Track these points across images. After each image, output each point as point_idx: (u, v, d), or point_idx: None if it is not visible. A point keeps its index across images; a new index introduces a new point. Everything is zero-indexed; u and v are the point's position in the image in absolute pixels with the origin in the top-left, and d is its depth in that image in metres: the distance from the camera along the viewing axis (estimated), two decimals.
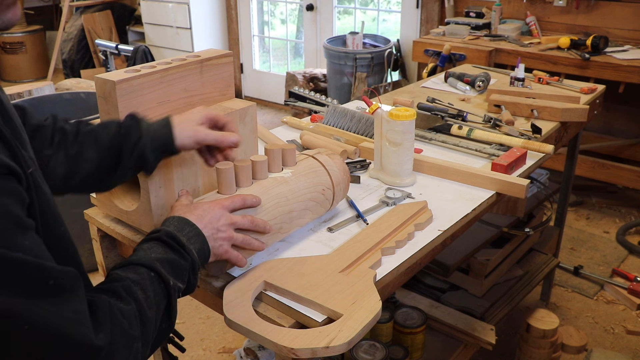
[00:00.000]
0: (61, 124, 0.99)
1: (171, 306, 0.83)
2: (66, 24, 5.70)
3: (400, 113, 1.33)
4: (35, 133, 0.97)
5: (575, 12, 3.44)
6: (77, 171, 0.97)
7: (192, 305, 2.56)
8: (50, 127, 0.99)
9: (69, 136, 0.98)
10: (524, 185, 1.34)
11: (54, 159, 0.96)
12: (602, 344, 2.32)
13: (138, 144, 0.96)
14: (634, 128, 3.48)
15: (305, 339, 0.87)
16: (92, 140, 0.98)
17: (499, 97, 1.88)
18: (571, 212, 3.31)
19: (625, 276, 2.68)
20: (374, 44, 4.36)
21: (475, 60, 3.22)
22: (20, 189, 0.66)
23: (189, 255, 0.88)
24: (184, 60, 1.18)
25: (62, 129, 0.99)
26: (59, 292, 0.64)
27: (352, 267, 1.05)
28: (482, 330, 1.83)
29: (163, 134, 0.98)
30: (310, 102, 1.89)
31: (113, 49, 3.73)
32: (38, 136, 0.96)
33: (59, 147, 0.97)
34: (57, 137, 0.98)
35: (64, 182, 0.98)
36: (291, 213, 1.10)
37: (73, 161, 0.97)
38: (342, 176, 1.21)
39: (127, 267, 0.82)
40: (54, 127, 0.99)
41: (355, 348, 1.57)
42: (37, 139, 0.96)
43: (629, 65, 2.87)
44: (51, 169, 0.96)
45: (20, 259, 0.61)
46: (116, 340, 0.68)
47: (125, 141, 0.96)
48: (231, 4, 5.20)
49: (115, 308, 0.71)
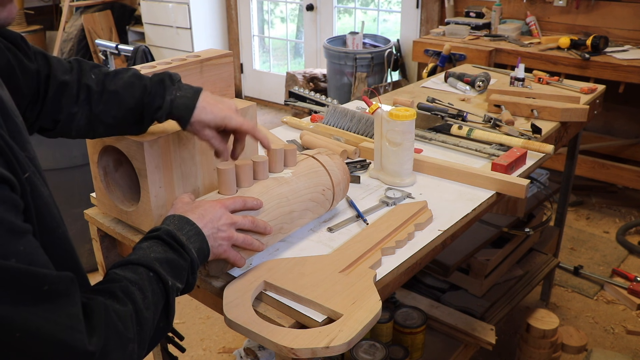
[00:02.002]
0: (86, 80, 1.01)
1: (169, 306, 0.83)
2: (66, 24, 5.69)
3: (400, 113, 1.33)
4: (61, 89, 0.99)
5: (575, 12, 3.44)
6: (99, 125, 1.03)
7: (192, 305, 2.56)
8: (76, 82, 1.00)
9: (94, 94, 1.01)
10: (524, 185, 1.34)
11: (79, 114, 1.01)
12: (602, 344, 2.32)
13: (157, 113, 1.02)
14: (634, 128, 3.48)
15: (305, 339, 0.87)
16: (116, 101, 1.01)
17: (499, 97, 1.88)
18: (571, 212, 3.31)
19: (625, 276, 2.68)
20: (374, 44, 4.36)
21: (475, 60, 3.22)
22: (13, 196, 0.66)
23: (188, 254, 0.88)
24: (184, 60, 1.18)
25: (87, 86, 1.01)
26: (53, 298, 0.64)
27: (352, 267, 1.05)
28: (482, 330, 1.83)
29: (180, 115, 1.02)
30: (310, 102, 1.89)
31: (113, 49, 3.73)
32: (64, 93, 0.99)
33: (83, 104, 1.01)
34: (82, 94, 1.01)
35: (86, 132, 1.04)
36: (292, 213, 1.10)
37: (97, 116, 1.02)
38: (342, 176, 1.21)
39: (125, 267, 0.82)
40: (80, 83, 1.01)
41: (355, 348, 1.57)
42: (63, 95, 0.99)
43: (629, 65, 2.87)
44: (76, 122, 1.01)
45: (12, 267, 0.61)
46: (110, 343, 0.68)
47: (148, 107, 1.01)
48: (231, 4, 5.20)
49: (111, 310, 0.71)
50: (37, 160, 0.80)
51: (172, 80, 1.03)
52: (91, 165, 1.19)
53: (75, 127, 1.02)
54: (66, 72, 1.00)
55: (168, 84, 1.02)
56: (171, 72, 1.04)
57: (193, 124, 1.02)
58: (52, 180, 2.48)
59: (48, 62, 0.99)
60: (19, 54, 0.94)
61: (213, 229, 0.94)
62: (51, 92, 0.98)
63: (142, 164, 1.07)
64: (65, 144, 2.51)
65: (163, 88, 1.01)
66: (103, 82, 1.02)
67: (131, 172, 1.18)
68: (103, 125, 1.03)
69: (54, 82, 0.98)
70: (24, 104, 0.96)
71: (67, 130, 1.03)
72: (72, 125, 1.01)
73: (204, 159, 1.19)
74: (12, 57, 0.92)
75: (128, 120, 1.03)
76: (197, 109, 1.02)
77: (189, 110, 1.01)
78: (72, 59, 1.05)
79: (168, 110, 1.01)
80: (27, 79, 0.95)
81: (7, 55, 0.91)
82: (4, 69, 0.90)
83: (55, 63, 1.00)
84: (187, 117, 1.01)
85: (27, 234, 0.66)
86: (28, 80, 0.95)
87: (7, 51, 0.92)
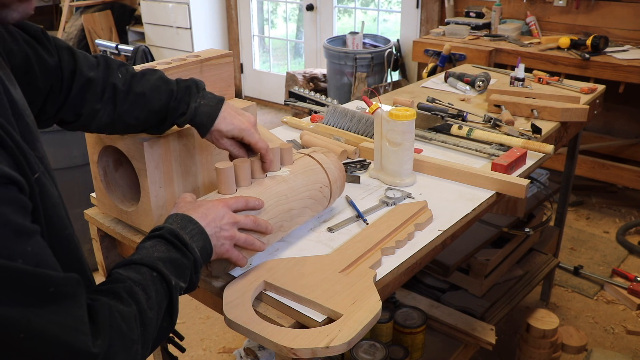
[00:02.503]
0: (113, 79, 1.01)
1: (173, 306, 0.83)
2: (66, 24, 5.70)
3: (400, 113, 1.33)
4: (86, 85, 0.99)
5: (575, 12, 3.44)
6: (122, 122, 1.03)
7: (192, 305, 2.56)
8: (102, 80, 1.01)
9: (120, 94, 1.01)
10: (524, 185, 1.34)
11: (102, 111, 1.01)
12: (602, 344, 2.32)
13: (179, 118, 1.04)
14: (634, 128, 3.48)
15: (305, 339, 0.87)
16: (142, 103, 1.02)
17: (499, 97, 1.88)
18: (571, 212, 3.31)
19: (625, 276, 2.68)
20: (374, 44, 4.36)
21: (475, 60, 3.22)
22: (21, 197, 0.66)
23: (191, 253, 0.88)
24: (184, 60, 1.18)
25: (114, 85, 1.01)
26: (59, 300, 0.64)
27: (352, 267, 1.05)
28: (482, 330, 1.83)
29: (202, 122, 1.04)
30: (310, 102, 1.89)
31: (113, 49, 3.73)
32: (89, 89, 1.00)
33: (108, 102, 1.01)
34: (107, 93, 1.01)
35: (109, 128, 1.05)
36: (291, 211, 1.10)
37: (120, 116, 1.02)
38: (339, 174, 1.21)
39: (129, 267, 0.82)
40: (106, 81, 1.01)
41: (355, 348, 1.57)
42: (88, 91, 1.00)
43: (629, 65, 2.87)
44: (98, 118, 1.02)
45: (19, 269, 0.61)
46: (114, 345, 0.68)
47: (172, 112, 1.03)
48: (231, 4, 5.20)
49: (115, 311, 0.71)
50: (46, 160, 0.80)
51: (198, 88, 1.04)
52: (91, 165, 1.19)
53: (96, 123, 1.02)
54: (92, 68, 1.01)
55: (194, 91, 1.03)
56: (197, 80, 1.06)
57: (213, 132, 1.05)
58: None
59: (74, 57, 0.99)
60: (39, 48, 0.94)
61: (216, 228, 0.94)
62: (76, 87, 0.98)
63: (142, 164, 1.07)
64: (66, 144, 2.51)
65: (189, 94, 1.03)
66: (130, 82, 1.02)
67: (131, 172, 1.18)
68: (124, 125, 1.04)
69: (80, 77, 0.98)
70: (39, 99, 0.95)
71: (87, 125, 1.03)
72: (93, 122, 1.02)
73: (203, 159, 1.20)
74: (31, 52, 0.92)
75: (150, 122, 1.04)
76: (219, 119, 1.04)
77: (211, 119, 1.03)
78: (99, 54, 1.05)
79: (191, 117, 1.03)
80: (45, 74, 0.95)
81: (25, 50, 0.91)
82: (20, 65, 0.90)
83: (82, 58, 1.00)
84: (208, 125, 1.04)
85: (35, 234, 0.66)
86: (46, 75, 0.95)
87: (27, 45, 0.92)
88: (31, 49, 0.92)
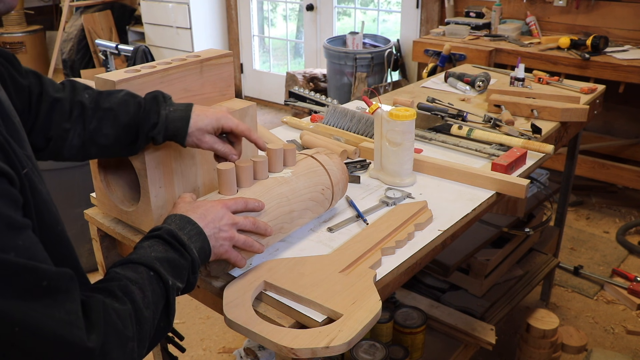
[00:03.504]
0: (80, 97, 1.01)
1: (169, 306, 0.83)
2: (66, 24, 5.69)
3: (400, 113, 1.33)
4: (53, 105, 0.99)
5: (575, 12, 3.44)
6: (93, 144, 1.02)
7: (192, 305, 2.56)
8: (69, 99, 1.00)
9: (88, 111, 1.01)
10: (524, 185, 1.34)
11: (72, 131, 1.00)
12: (602, 344, 2.32)
13: (153, 130, 1.01)
14: (634, 128, 3.48)
15: (305, 339, 0.87)
16: (110, 118, 1.01)
17: (499, 97, 1.88)
18: (571, 212, 3.31)
19: (625, 276, 2.68)
20: (374, 44, 4.36)
21: (475, 60, 3.22)
22: (12, 190, 0.66)
23: (189, 254, 0.88)
24: (184, 60, 1.18)
25: (81, 102, 1.00)
26: (53, 294, 0.64)
27: (352, 267, 1.05)
28: (482, 330, 1.83)
29: (177, 127, 1.01)
30: (310, 102, 1.89)
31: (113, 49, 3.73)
32: (57, 109, 0.99)
33: (77, 121, 1.00)
34: (75, 111, 1.00)
35: (81, 152, 1.03)
36: (292, 213, 1.10)
37: (90, 135, 1.01)
38: (341, 176, 1.21)
39: (126, 266, 0.82)
40: (73, 100, 1.00)
41: (355, 348, 1.57)
42: (55, 111, 0.99)
43: (629, 65, 2.87)
44: (69, 140, 1.00)
45: (12, 261, 0.61)
46: (110, 341, 0.68)
47: (143, 124, 1.00)
48: (231, 4, 5.20)
49: (110, 308, 0.71)
50: (34, 160, 0.80)
51: (165, 98, 1.03)
52: (91, 165, 1.19)
53: (67, 146, 1.01)
54: (58, 90, 1.01)
55: (161, 100, 1.02)
56: (162, 91, 1.05)
57: (191, 134, 1.02)
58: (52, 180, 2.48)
59: (40, 81, 0.99)
60: (11, 69, 0.95)
61: (214, 229, 0.94)
62: (44, 108, 0.98)
63: (142, 164, 1.07)
64: None
65: (157, 104, 1.01)
66: (97, 100, 1.02)
67: (131, 172, 1.18)
68: (96, 147, 1.02)
69: (47, 98, 0.98)
70: None
71: (59, 150, 1.01)
72: (64, 144, 1.00)
73: (203, 159, 1.19)
74: (5, 72, 0.93)
75: (122, 140, 1.02)
76: (193, 118, 1.02)
77: (185, 121, 1.01)
78: (64, 80, 1.05)
79: (165, 125, 1.01)
80: (19, 94, 0.95)
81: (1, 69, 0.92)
82: None
83: (48, 82, 1.01)
84: (184, 128, 1.01)
85: (26, 228, 0.66)
86: (20, 96, 0.95)
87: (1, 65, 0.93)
88: (5, 69, 0.93)
